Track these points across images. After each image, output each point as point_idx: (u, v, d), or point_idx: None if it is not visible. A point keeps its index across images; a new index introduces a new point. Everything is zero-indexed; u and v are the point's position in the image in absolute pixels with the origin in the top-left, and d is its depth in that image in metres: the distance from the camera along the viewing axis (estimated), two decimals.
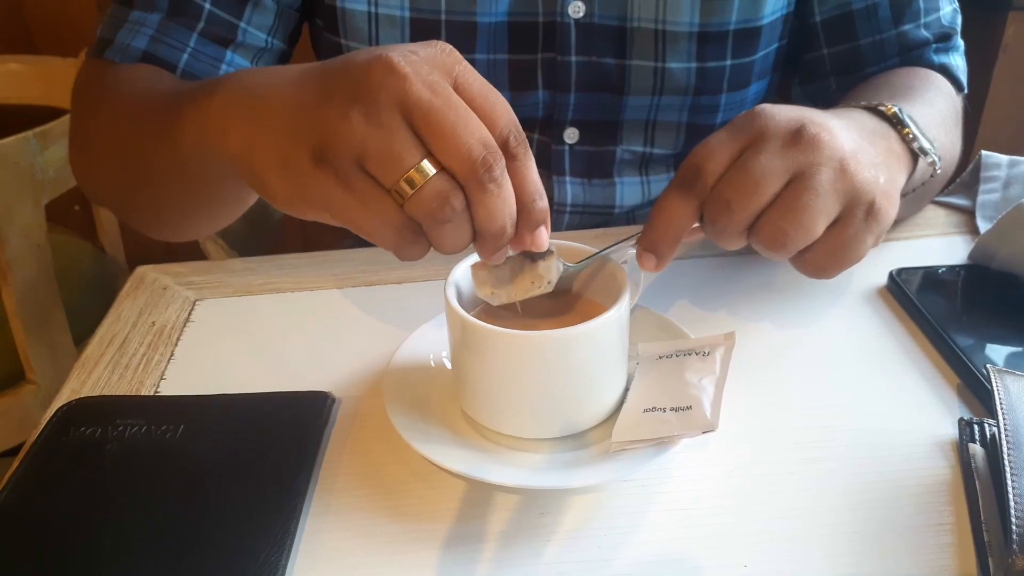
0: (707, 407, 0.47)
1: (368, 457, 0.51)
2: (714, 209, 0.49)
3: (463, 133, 0.41)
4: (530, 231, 0.45)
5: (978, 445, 0.48)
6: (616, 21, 0.72)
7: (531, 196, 0.44)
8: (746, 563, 0.43)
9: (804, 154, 0.48)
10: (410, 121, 0.41)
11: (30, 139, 1.08)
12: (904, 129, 0.56)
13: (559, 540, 0.45)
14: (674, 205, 0.50)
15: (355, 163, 0.41)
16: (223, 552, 0.44)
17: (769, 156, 0.48)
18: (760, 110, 0.50)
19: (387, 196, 0.42)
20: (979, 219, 0.70)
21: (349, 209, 0.42)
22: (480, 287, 0.50)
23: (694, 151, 0.50)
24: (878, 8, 0.75)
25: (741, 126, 0.50)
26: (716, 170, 0.49)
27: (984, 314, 0.60)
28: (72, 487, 0.49)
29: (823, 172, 0.48)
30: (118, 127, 0.63)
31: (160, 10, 0.68)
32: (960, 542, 0.44)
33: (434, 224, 0.42)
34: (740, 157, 0.49)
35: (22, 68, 1.44)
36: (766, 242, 0.49)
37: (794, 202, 0.48)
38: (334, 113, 0.41)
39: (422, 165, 0.41)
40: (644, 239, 0.51)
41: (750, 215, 0.49)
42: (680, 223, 0.50)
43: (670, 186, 0.51)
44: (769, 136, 0.49)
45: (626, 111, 0.76)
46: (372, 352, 0.59)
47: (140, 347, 0.61)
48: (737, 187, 0.48)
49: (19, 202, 1.09)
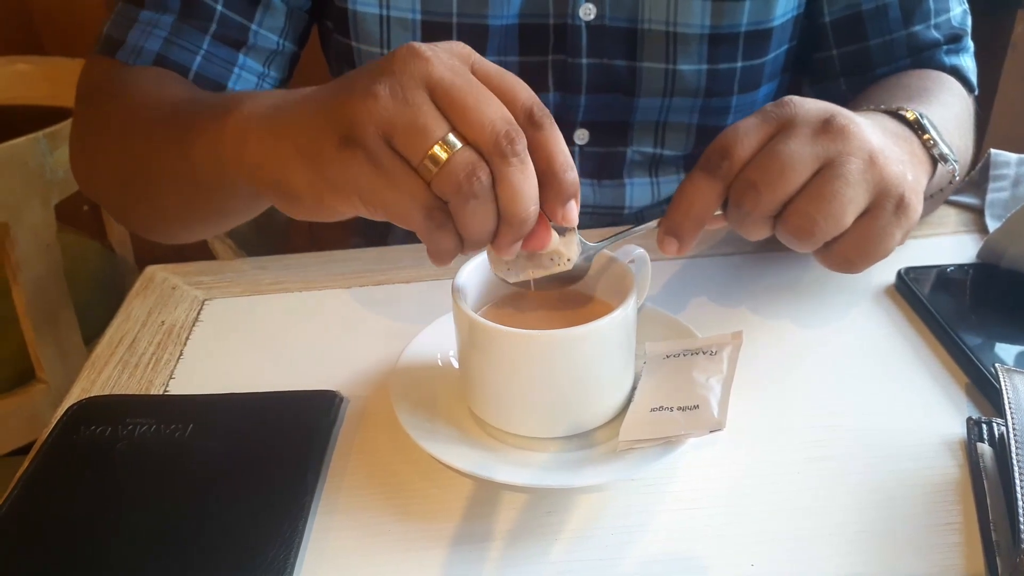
0: (714, 406, 0.47)
1: (376, 456, 0.51)
2: (740, 192, 0.48)
3: (485, 109, 0.41)
4: (561, 204, 0.44)
5: (986, 444, 0.48)
6: (627, 23, 0.72)
7: (561, 167, 0.43)
8: (753, 562, 0.43)
9: (834, 143, 0.48)
10: (434, 98, 0.42)
11: (40, 140, 1.08)
12: (925, 135, 0.56)
13: (566, 539, 0.45)
14: (699, 187, 0.49)
15: (382, 140, 0.42)
16: (232, 550, 0.44)
17: (799, 143, 0.47)
18: (790, 99, 0.50)
19: (415, 175, 0.42)
20: (988, 218, 0.70)
21: (378, 190, 0.42)
22: (495, 264, 0.49)
23: (721, 135, 0.49)
24: (888, 9, 0.75)
25: (770, 112, 0.49)
26: (744, 154, 0.48)
27: (993, 313, 0.60)
28: (82, 486, 0.49)
29: (853, 162, 0.47)
30: (126, 131, 0.63)
31: (172, 11, 0.68)
32: (968, 541, 0.44)
33: (461, 201, 0.42)
34: (769, 143, 0.48)
35: (30, 69, 1.45)
36: (793, 230, 0.48)
37: (824, 189, 0.47)
38: (359, 95, 0.42)
39: (448, 138, 0.41)
40: (667, 221, 0.50)
41: (778, 200, 0.48)
42: (704, 205, 0.49)
43: (695, 169, 0.50)
44: (799, 123, 0.48)
45: (637, 113, 0.76)
46: (380, 351, 0.59)
47: (149, 346, 0.62)
48: (766, 171, 0.47)
49: (28, 202, 1.09)
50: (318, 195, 0.44)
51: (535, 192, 0.43)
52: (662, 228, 0.50)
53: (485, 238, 0.43)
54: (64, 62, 1.45)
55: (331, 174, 0.43)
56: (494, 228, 0.43)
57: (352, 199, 0.43)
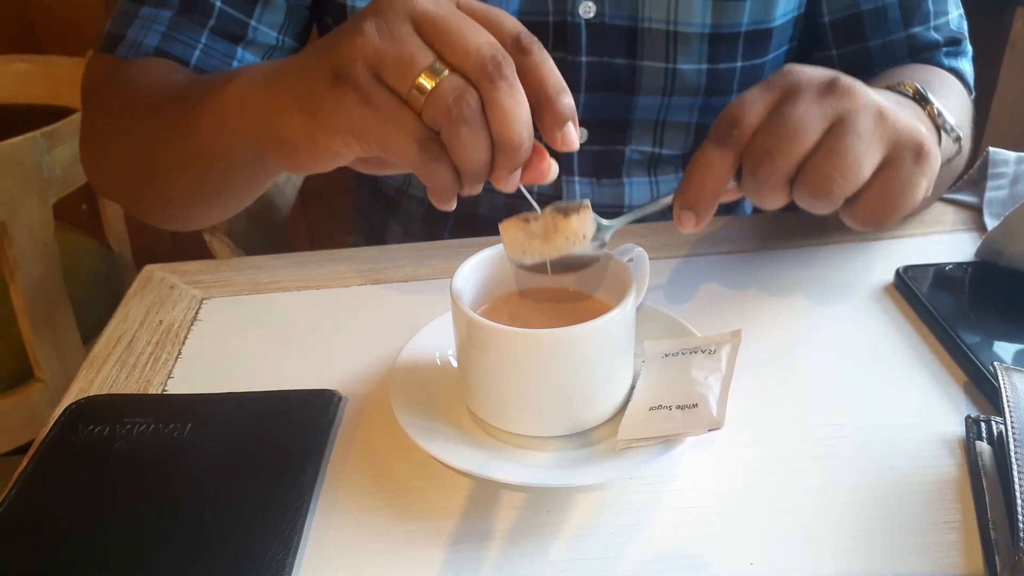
0: (713, 405, 0.47)
1: (374, 455, 0.51)
2: (754, 159, 0.48)
3: (470, 35, 0.42)
4: (559, 127, 0.43)
5: (985, 443, 0.48)
6: (627, 21, 0.72)
7: (554, 89, 0.43)
8: (752, 560, 0.43)
9: (841, 101, 0.48)
10: (420, 31, 0.42)
11: (37, 138, 1.08)
12: (929, 106, 0.56)
13: (565, 538, 0.45)
14: (711, 158, 0.48)
15: (371, 74, 0.42)
16: (231, 549, 0.44)
17: (807, 105, 0.47)
18: (791, 67, 0.50)
19: (405, 106, 0.42)
20: (986, 216, 0.70)
21: (371, 125, 0.43)
22: (510, 247, 0.49)
23: (728, 106, 0.49)
24: (887, 9, 0.75)
25: (773, 81, 0.49)
26: (752, 121, 0.48)
27: (991, 311, 0.60)
28: (81, 485, 0.49)
29: (863, 117, 0.47)
30: (131, 121, 0.64)
31: (171, 7, 0.69)
32: (967, 540, 0.44)
33: (452, 127, 0.42)
34: (776, 108, 0.48)
35: (28, 68, 1.45)
36: (811, 190, 0.48)
37: (836, 144, 0.47)
38: (347, 35, 0.43)
39: (435, 66, 0.42)
40: (681, 196, 0.50)
41: (793, 163, 0.47)
42: (718, 176, 0.49)
43: (705, 142, 0.49)
44: (803, 87, 0.48)
45: (636, 111, 0.76)
46: (378, 350, 0.59)
47: (148, 345, 0.62)
48: (777, 135, 0.47)
49: (26, 201, 1.09)
50: (313, 138, 0.45)
51: (527, 115, 0.43)
52: (678, 203, 0.50)
53: (481, 168, 0.43)
54: (63, 61, 1.45)
55: (324, 114, 0.44)
56: (489, 157, 0.43)
57: (346, 137, 0.44)
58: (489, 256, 0.53)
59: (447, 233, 0.85)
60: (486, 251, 0.53)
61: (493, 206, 0.82)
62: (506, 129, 0.42)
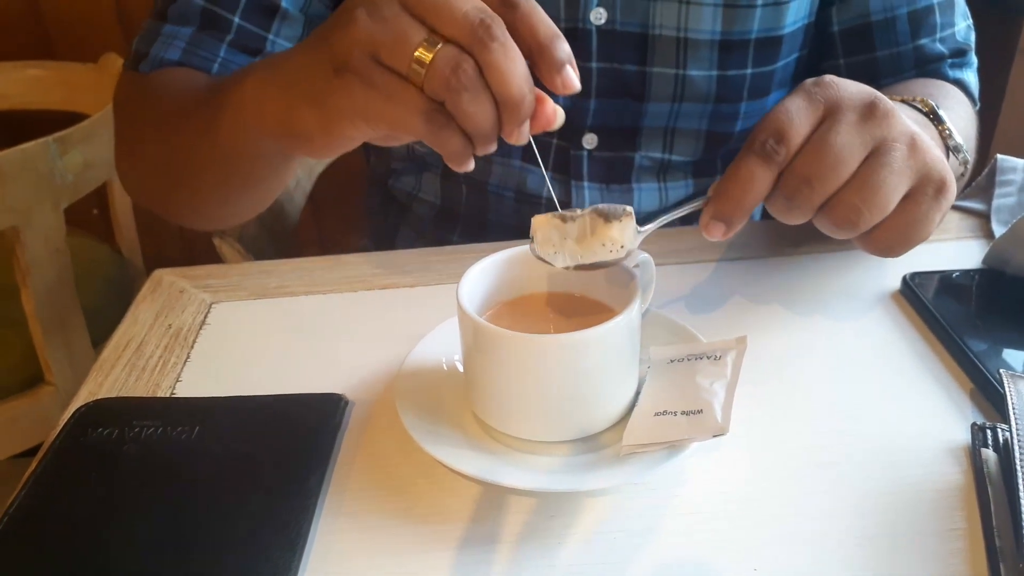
0: (718, 411, 0.47)
1: (380, 459, 0.51)
2: (793, 185, 0.48)
3: (456, 4, 0.43)
4: (557, 72, 0.44)
5: (991, 450, 0.48)
6: (638, 28, 0.72)
7: (546, 36, 0.44)
8: (756, 567, 0.43)
9: (880, 128, 0.48)
10: (408, 9, 0.44)
11: (50, 144, 1.09)
12: (941, 125, 0.57)
13: (570, 543, 0.45)
14: (754, 173, 0.48)
15: (370, 58, 0.44)
16: (237, 552, 0.44)
17: (849, 133, 0.47)
18: (831, 80, 0.50)
19: (406, 83, 0.44)
20: (994, 223, 0.70)
21: (377, 106, 0.44)
22: (542, 244, 0.48)
23: (771, 116, 0.49)
24: (896, 21, 0.75)
25: (815, 94, 0.49)
26: (798, 141, 0.48)
27: (998, 319, 0.60)
28: (89, 487, 0.49)
29: (897, 148, 0.47)
30: (159, 129, 0.67)
31: (192, 23, 0.71)
32: (972, 548, 0.44)
33: (454, 96, 0.43)
34: (819, 130, 0.48)
35: (42, 74, 1.46)
36: (838, 221, 0.48)
37: (870, 178, 0.47)
38: (341, 26, 0.45)
39: (428, 39, 0.43)
40: (717, 206, 0.49)
41: (828, 193, 0.48)
42: (759, 193, 0.49)
43: (748, 152, 0.49)
44: (845, 108, 0.48)
45: (646, 118, 0.77)
46: (385, 355, 0.59)
47: (157, 349, 0.62)
48: (818, 165, 0.47)
49: (38, 206, 1.10)
50: (326, 128, 0.47)
51: (524, 70, 0.43)
52: (709, 213, 0.50)
53: (489, 129, 0.44)
54: (76, 67, 1.46)
55: (332, 104, 0.46)
56: (494, 117, 0.44)
57: (356, 122, 0.46)
58: (496, 261, 0.53)
59: (457, 237, 0.86)
60: (493, 256, 0.53)
61: (503, 212, 0.82)
62: (506, 88, 0.43)
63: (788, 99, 0.49)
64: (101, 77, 1.40)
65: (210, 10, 0.71)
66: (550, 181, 0.79)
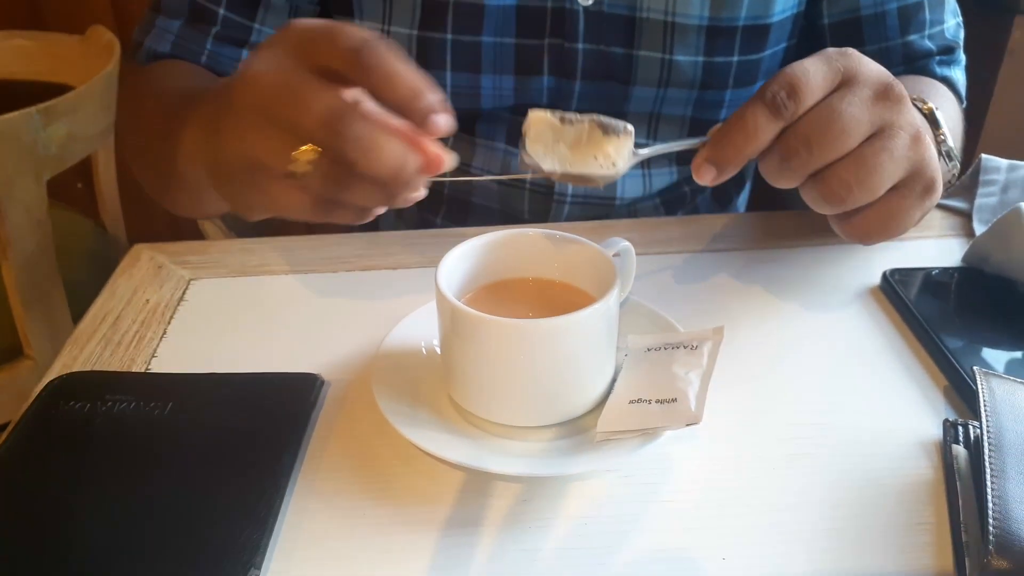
0: (692, 400, 0.47)
1: (354, 440, 0.51)
2: (791, 145, 0.47)
3: (305, 106, 0.42)
4: (425, 124, 0.43)
5: (961, 447, 0.48)
6: (625, 10, 0.72)
7: (406, 94, 0.42)
8: (725, 556, 0.44)
9: (890, 111, 0.47)
10: (272, 121, 0.43)
11: (33, 115, 1.08)
12: (939, 131, 0.57)
13: (540, 527, 0.45)
14: (760, 124, 0.47)
15: (253, 166, 0.45)
16: (206, 529, 0.44)
17: (859, 106, 0.47)
18: (852, 52, 0.49)
19: (290, 187, 0.45)
20: (976, 222, 0.70)
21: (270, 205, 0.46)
22: (533, 142, 0.46)
23: (789, 70, 0.48)
24: (886, 16, 0.75)
25: (835, 60, 0.48)
26: (810, 101, 0.47)
27: (975, 316, 0.60)
28: (59, 461, 0.49)
29: (901, 136, 0.47)
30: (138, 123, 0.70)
31: (180, 16, 0.74)
32: (939, 542, 0.44)
33: (335, 195, 0.44)
34: (832, 95, 0.48)
35: (29, 44, 1.44)
36: (827, 194, 0.48)
37: (870, 160, 0.47)
38: (225, 134, 0.46)
39: (294, 154, 0.43)
40: (715, 151, 0.49)
41: (825, 162, 0.47)
42: (760, 143, 0.48)
43: (757, 100, 0.48)
44: (861, 82, 0.48)
45: (631, 102, 0.76)
46: (363, 337, 0.59)
47: (133, 324, 0.62)
48: (823, 131, 0.47)
49: (20, 177, 1.09)
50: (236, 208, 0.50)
51: (389, 146, 0.42)
52: (704, 155, 0.49)
53: (384, 200, 0.45)
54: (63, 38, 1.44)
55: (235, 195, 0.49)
56: (384, 190, 0.44)
57: (256, 212, 0.49)
58: (476, 245, 0.53)
59: (440, 219, 0.85)
60: (473, 240, 0.53)
61: (486, 195, 0.82)
62: (376, 172, 0.43)
63: (809, 59, 0.48)
64: (88, 49, 1.38)
65: (197, 2, 0.73)
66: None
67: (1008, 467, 0.43)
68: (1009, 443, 0.44)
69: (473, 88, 0.75)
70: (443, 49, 0.73)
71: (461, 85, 0.75)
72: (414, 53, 0.74)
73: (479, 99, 0.76)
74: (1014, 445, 0.44)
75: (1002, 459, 0.43)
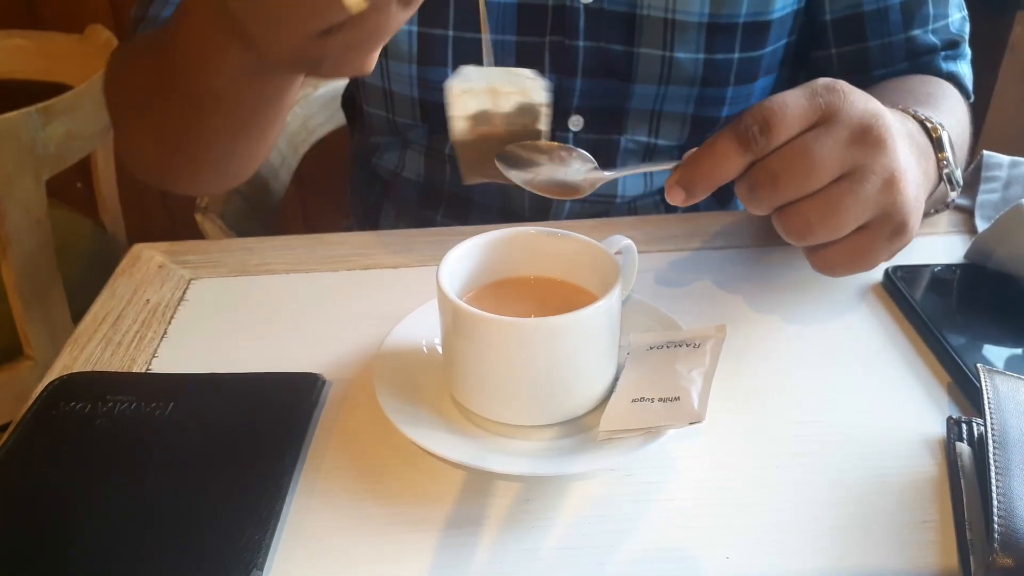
0: (695, 398, 0.47)
1: (356, 440, 0.51)
2: (759, 180, 0.48)
3: None
4: None
5: (965, 444, 0.48)
6: (626, 8, 0.72)
7: None
8: (729, 555, 0.43)
9: (864, 154, 0.47)
10: None
11: (32, 114, 1.08)
12: (942, 154, 0.57)
13: (544, 527, 0.45)
14: (728, 154, 0.48)
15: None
16: (208, 529, 0.44)
17: (832, 147, 0.47)
18: (840, 89, 0.49)
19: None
20: (978, 219, 0.70)
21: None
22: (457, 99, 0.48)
23: (766, 104, 0.48)
24: (889, 11, 0.75)
25: (819, 97, 0.48)
26: (782, 139, 0.47)
27: (978, 313, 0.60)
28: (61, 462, 0.49)
29: (871, 180, 0.47)
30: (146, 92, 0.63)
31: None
32: (943, 540, 0.44)
33: None
34: (807, 132, 0.48)
35: (26, 43, 1.44)
36: (789, 229, 0.49)
37: (834, 202, 0.47)
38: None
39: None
40: (684, 174, 0.49)
41: (790, 198, 0.48)
42: (727, 173, 0.48)
43: (730, 131, 0.48)
44: (840, 122, 0.48)
45: (632, 100, 0.76)
46: (364, 336, 0.59)
47: (133, 324, 0.62)
48: (790, 168, 0.47)
49: (20, 177, 1.09)
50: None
51: None
52: (674, 177, 0.50)
53: None
54: (61, 37, 1.44)
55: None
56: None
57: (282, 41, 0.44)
58: (477, 244, 0.53)
59: (440, 217, 0.85)
60: (475, 239, 0.53)
61: (486, 192, 0.82)
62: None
63: (792, 92, 0.49)
64: (86, 48, 1.38)
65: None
66: None
67: (1012, 464, 0.43)
68: (1013, 440, 0.44)
69: None
70: (444, 46, 0.73)
71: None
72: (415, 50, 0.73)
73: None
74: (1018, 442, 0.44)
75: (1006, 456, 0.43)
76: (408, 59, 0.74)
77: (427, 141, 0.82)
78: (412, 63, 0.74)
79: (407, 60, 0.74)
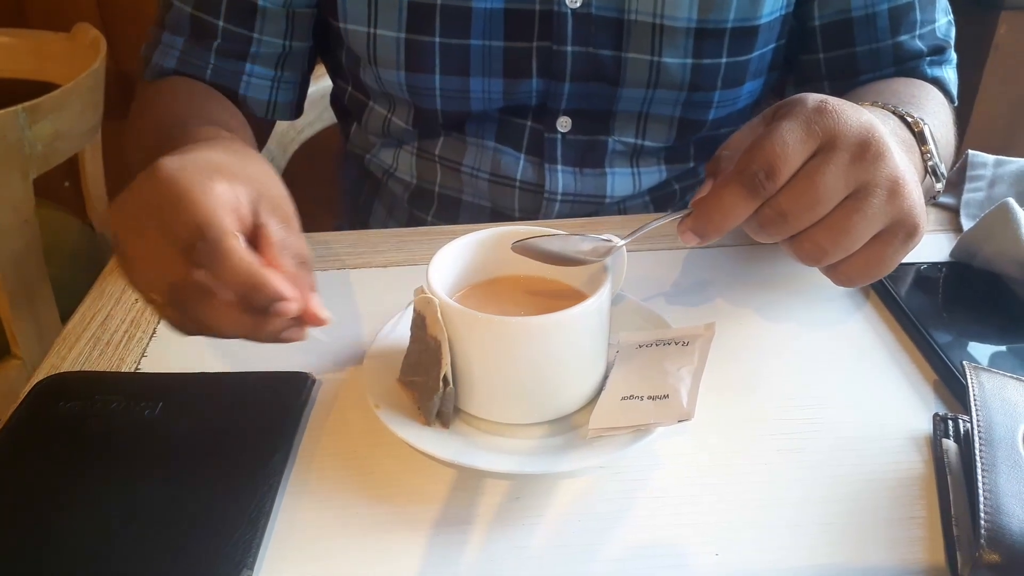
0: (684, 396, 0.47)
1: (346, 438, 0.51)
2: (768, 216, 0.48)
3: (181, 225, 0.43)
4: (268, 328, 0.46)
5: (951, 441, 0.48)
6: (614, 13, 0.72)
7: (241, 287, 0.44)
8: (717, 551, 0.44)
9: (866, 172, 0.47)
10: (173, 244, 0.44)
11: (19, 113, 1.07)
12: (925, 147, 0.57)
13: (532, 524, 0.45)
14: (737, 202, 0.48)
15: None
16: (198, 529, 0.44)
17: (835, 172, 0.47)
18: (832, 109, 0.48)
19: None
20: (963, 217, 0.71)
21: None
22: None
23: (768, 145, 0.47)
24: (877, 17, 0.75)
25: (814, 124, 0.48)
26: (788, 176, 0.48)
27: (964, 311, 0.60)
28: (49, 462, 0.49)
29: (877, 194, 0.47)
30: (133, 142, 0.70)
31: (183, 32, 0.75)
32: (930, 536, 0.44)
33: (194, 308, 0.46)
34: (809, 162, 0.48)
35: (13, 42, 1.43)
36: (802, 256, 0.49)
37: (844, 223, 0.47)
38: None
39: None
40: (696, 222, 0.50)
41: (800, 229, 0.48)
42: (738, 219, 0.49)
43: (737, 180, 0.48)
44: (839, 146, 0.47)
45: (620, 103, 0.76)
46: (354, 334, 0.59)
47: (122, 324, 0.61)
48: (798, 202, 0.47)
49: (6, 176, 1.08)
50: None
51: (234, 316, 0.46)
52: (687, 224, 0.50)
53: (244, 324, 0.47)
54: (48, 36, 1.43)
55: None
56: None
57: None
58: (466, 243, 0.53)
59: (431, 217, 0.85)
60: (464, 238, 0.53)
61: (477, 192, 0.82)
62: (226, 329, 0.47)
63: (787, 126, 0.48)
64: (74, 47, 1.37)
65: (197, 17, 0.74)
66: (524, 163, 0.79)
67: (999, 461, 0.43)
68: (999, 437, 0.44)
69: (463, 91, 0.75)
70: (432, 52, 0.73)
71: (451, 88, 0.75)
72: (403, 56, 0.74)
73: (469, 101, 0.76)
74: (1004, 439, 0.44)
75: (992, 453, 0.43)
76: (396, 66, 0.74)
77: (418, 143, 0.82)
78: (400, 70, 0.74)
79: (395, 67, 0.74)
